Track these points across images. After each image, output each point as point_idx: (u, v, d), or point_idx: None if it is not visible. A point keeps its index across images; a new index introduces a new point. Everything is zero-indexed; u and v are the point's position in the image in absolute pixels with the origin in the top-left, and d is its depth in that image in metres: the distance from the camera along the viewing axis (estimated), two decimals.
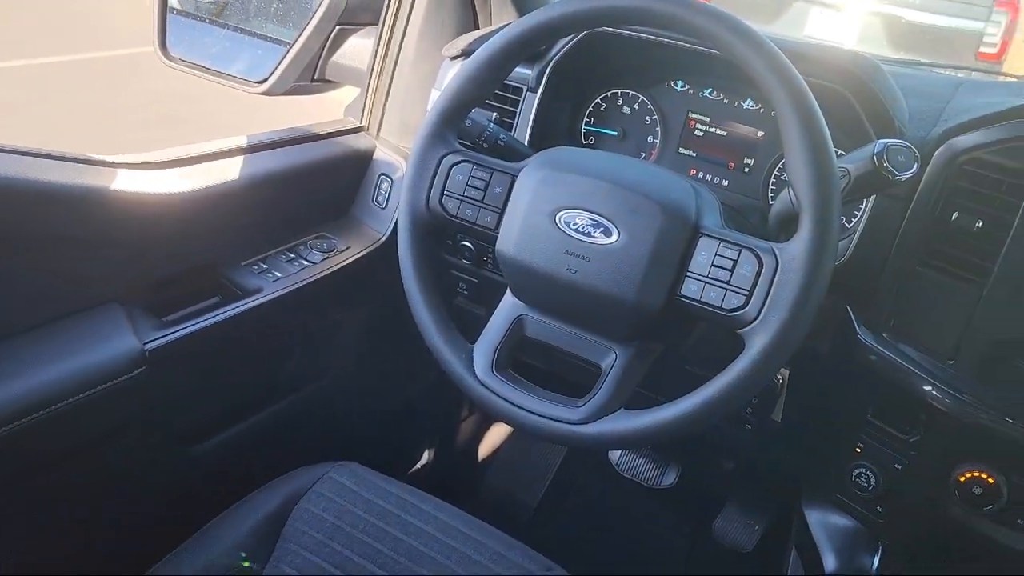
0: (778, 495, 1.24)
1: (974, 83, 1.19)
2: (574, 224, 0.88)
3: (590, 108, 1.30)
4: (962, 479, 0.96)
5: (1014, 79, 1.24)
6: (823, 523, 1.12)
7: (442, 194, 0.96)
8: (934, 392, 0.97)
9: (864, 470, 1.05)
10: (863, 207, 1.04)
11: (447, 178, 0.96)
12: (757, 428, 1.12)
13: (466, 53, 1.27)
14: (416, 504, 1.05)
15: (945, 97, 1.11)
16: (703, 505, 1.74)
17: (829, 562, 1.08)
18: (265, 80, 1.38)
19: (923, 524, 1.03)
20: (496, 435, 1.93)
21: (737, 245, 0.83)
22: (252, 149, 1.20)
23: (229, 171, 1.15)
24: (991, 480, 0.95)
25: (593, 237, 0.87)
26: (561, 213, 0.89)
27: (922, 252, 0.98)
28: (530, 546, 1.01)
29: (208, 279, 1.18)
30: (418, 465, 1.79)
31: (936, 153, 0.97)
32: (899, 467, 1.02)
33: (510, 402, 0.91)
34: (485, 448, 1.92)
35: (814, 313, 0.80)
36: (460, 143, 0.99)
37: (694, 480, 1.72)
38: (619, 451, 1.73)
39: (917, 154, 0.85)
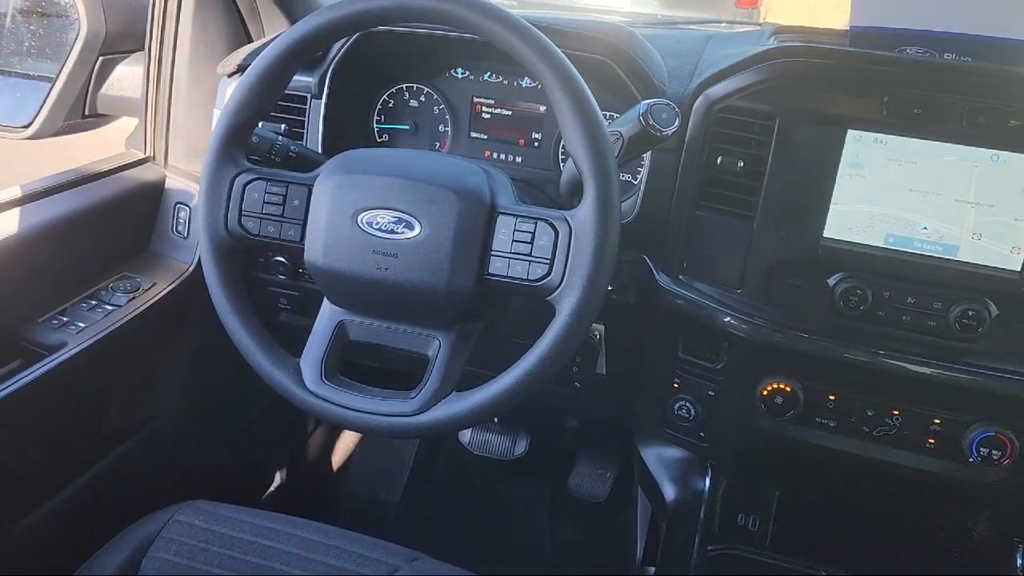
0: (618, 442, 1.32)
1: (721, 36, 1.31)
2: (376, 223, 0.90)
3: (379, 107, 1.32)
4: (765, 392, 1.07)
5: (757, 27, 1.37)
6: (658, 458, 1.21)
7: (240, 215, 0.95)
8: (731, 320, 1.08)
9: (684, 402, 1.14)
10: (643, 165, 1.13)
11: (242, 198, 0.95)
12: (585, 384, 1.19)
13: (242, 68, 1.25)
14: (273, 527, 1.04)
15: (697, 53, 1.21)
16: (557, 465, 1.82)
17: (668, 492, 1.18)
18: (30, 123, 1.30)
19: (739, 439, 1.14)
20: (348, 441, 1.93)
21: (532, 218, 0.88)
22: (29, 199, 1.13)
23: (5, 226, 1.08)
24: (789, 389, 1.07)
25: (397, 233, 0.90)
26: (362, 214, 0.91)
27: (698, 196, 1.08)
28: (397, 542, 1.03)
29: (3, 344, 1.10)
30: (272, 488, 1.75)
31: (695, 105, 1.07)
32: (712, 393, 1.13)
33: (344, 407, 0.92)
34: (339, 456, 1.91)
35: (611, 270, 0.86)
36: (251, 160, 0.98)
37: (544, 444, 1.79)
38: (469, 431, 1.78)
39: (677, 110, 0.93)
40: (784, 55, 1.03)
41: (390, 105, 1.32)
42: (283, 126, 1.24)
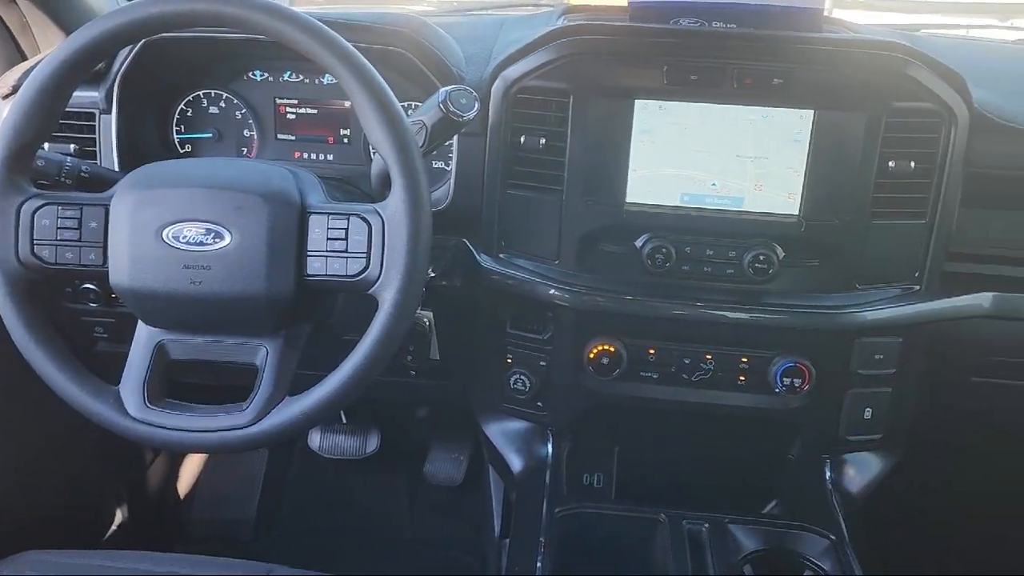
0: (467, 424, 1.35)
1: (514, 20, 1.35)
2: (183, 237, 0.88)
3: (176, 116, 1.27)
4: (592, 355, 1.13)
5: (549, 9, 1.42)
6: (501, 432, 1.25)
7: (32, 244, 0.89)
8: (553, 291, 1.13)
9: (518, 376, 1.18)
10: (453, 152, 1.15)
11: (32, 226, 0.89)
12: (421, 370, 1.21)
13: (16, 88, 1.17)
14: (113, 565, 0.99)
15: (492, 38, 1.25)
16: (411, 456, 1.83)
17: (514, 463, 1.22)
18: None
19: (574, 403, 1.19)
20: (192, 466, 1.86)
21: (344, 214, 0.88)
22: None
23: None
24: (613, 349, 1.13)
25: (207, 245, 0.87)
26: (167, 229, 0.88)
27: (507, 176, 1.12)
28: (255, 558, 1.01)
29: None
30: (114, 526, 1.66)
31: (493, 88, 1.10)
32: (543, 364, 1.17)
33: (174, 429, 0.89)
34: (184, 483, 1.84)
35: (427, 257, 0.88)
36: (40, 185, 0.93)
37: (396, 437, 1.80)
38: (318, 436, 1.76)
39: (476, 94, 0.96)
40: (570, 33, 1.08)
41: (189, 114, 1.27)
42: (72, 146, 1.17)
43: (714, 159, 1.09)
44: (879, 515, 1.21)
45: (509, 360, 1.19)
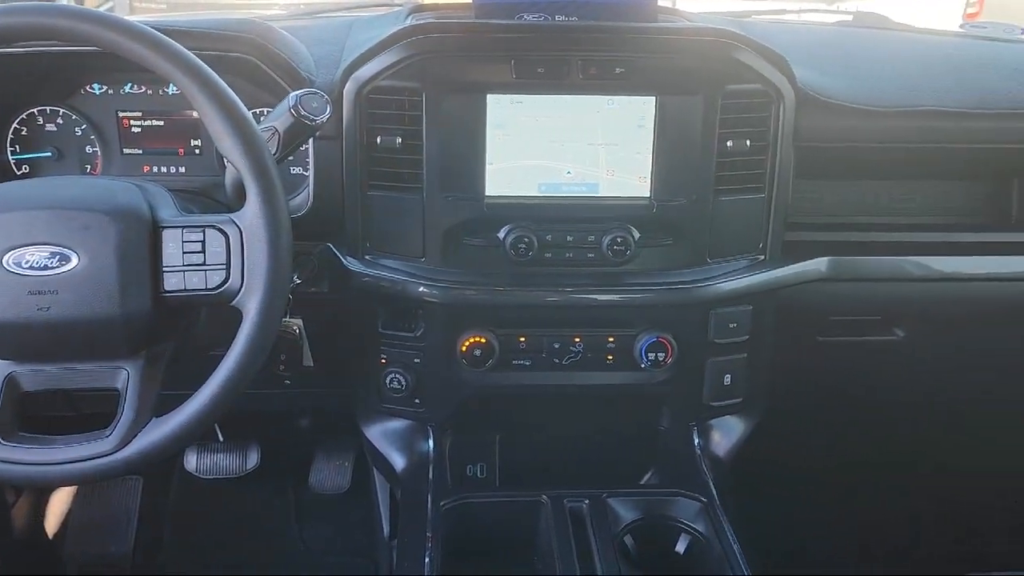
0: (349, 429, 1.35)
1: (363, 21, 1.35)
2: (26, 262, 0.84)
3: (10, 136, 1.20)
4: (464, 348, 1.15)
5: (397, 9, 1.42)
6: (382, 433, 1.25)
7: None
8: (421, 289, 1.14)
9: (394, 375, 1.19)
10: (310, 157, 1.14)
11: None
12: (296, 379, 1.20)
13: None
14: None
15: (342, 39, 1.25)
16: (295, 468, 1.80)
17: (397, 463, 1.22)
18: None
19: (450, 397, 1.21)
20: (61, 502, 1.76)
21: (199, 226, 0.87)
22: None
23: None
24: (484, 340, 1.15)
25: (53, 268, 0.84)
26: (8, 255, 0.84)
27: (366, 178, 1.12)
28: None
29: None
30: None
31: (345, 90, 1.10)
32: (418, 361, 1.18)
33: (32, 463, 0.85)
34: (53, 520, 1.74)
35: (289, 263, 0.87)
36: None
37: (277, 450, 1.77)
38: (195, 457, 1.70)
39: (327, 97, 0.96)
40: (418, 32, 1.10)
41: (24, 133, 1.21)
42: None
43: (567, 148, 1.13)
44: (745, 474, 1.28)
45: (383, 360, 1.20)
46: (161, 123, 1.22)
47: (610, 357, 1.19)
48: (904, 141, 1.23)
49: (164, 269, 0.87)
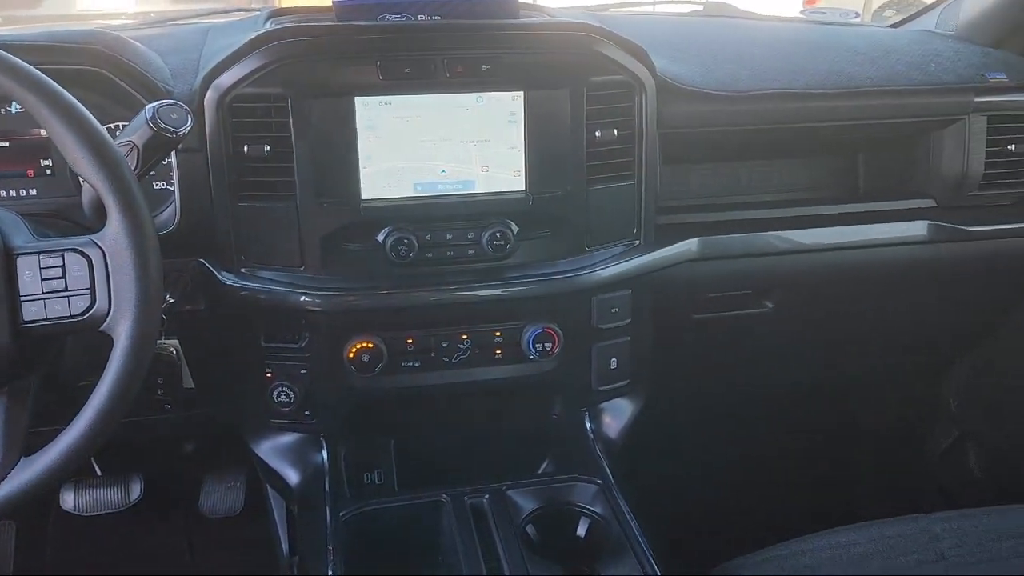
0: (237, 448, 1.30)
1: (219, 27, 1.31)
2: None
3: None
4: (351, 355, 1.13)
5: (255, 13, 1.39)
6: (273, 449, 1.22)
7: None
8: (303, 298, 1.11)
9: (280, 388, 1.16)
10: (173, 171, 1.10)
11: None
12: (177, 403, 1.15)
13: None
14: None
15: (198, 47, 1.20)
16: (183, 494, 1.72)
17: (291, 478, 1.19)
18: None
19: (341, 406, 1.19)
20: None
21: (57, 251, 0.82)
22: None
23: None
24: (372, 345, 1.14)
25: None
26: None
27: (236, 189, 1.09)
28: None
29: None
30: None
31: (206, 100, 1.06)
32: (305, 372, 1.16)
33: None
34: None
35: (160, 281, 0.84)
36: None
37: (162, 478, 1.69)
38: (71, 495, 1.61)
39: (187, 108, 0.92)
40: (278, 37, 1.07)
41: None
42: None
43: (440, 147, 1.13)
44: (638, 453, 1.32)
45: (269, 374, 1.16)
46: (6, 144, 1.14)
47: (498, 351, 1.20)
48: (758, 123, 1.30)
49: (22, 299, 0.81)
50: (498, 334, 1.19)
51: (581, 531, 1.12)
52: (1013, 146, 1.37)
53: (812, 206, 1.39)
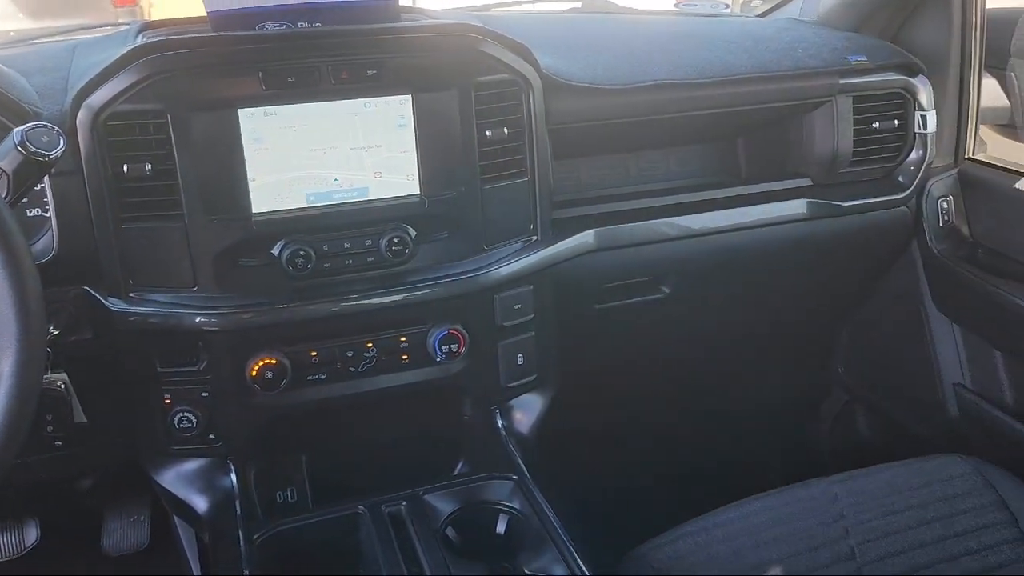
0: (138, 480, 1.25)
1: (87, 43, 1.25)
2: None
3: None
4: (254, 373, 1.10)
5: (125, 27, 1.33)
6: (177, 477, 1.17)
7: None
8: (198, 319, 1.08)
9: (181, 414, 1.12)
10: (48, 196, 1.05)
11: None
12: (69, 439, 1.10)
13: None
14: None
15: (66, 65, 1.15)
16: (85, 533, 1.64)
17: (199, 505, 1.15)
18: None
19: (247, 426, 1.16)
20: None
21: None
22: None
23: None
24: (275, 361, 1.11)
25: None
26: None
27: (118, 211, 1.04)
28: None
29: None
30: None
31: (78, 120, 1.02)
32: (206, 395, 1.12)
33: None
34: None
35: (41, 314, 0.79)
36: None
37: (60, 519, 1.60)
38: None
39: (57, 129, 0.88)
40: (151, 51, 1.03)
41: None
42: None
43: (331, 155, 1.11)
44: (551, 446, 1.34)
45: (168, 400, 1.12)
46: None
47: (405, 357, 1.19)
48: (642, 114, 1.34)
49: None
50: (403, 339, 1.19)
51: (501, 528, 1.13)
52: (877, 123, 1.46)
53: (699, 192, 1.44)
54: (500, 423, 1.29)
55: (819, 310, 1.77)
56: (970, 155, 1.55)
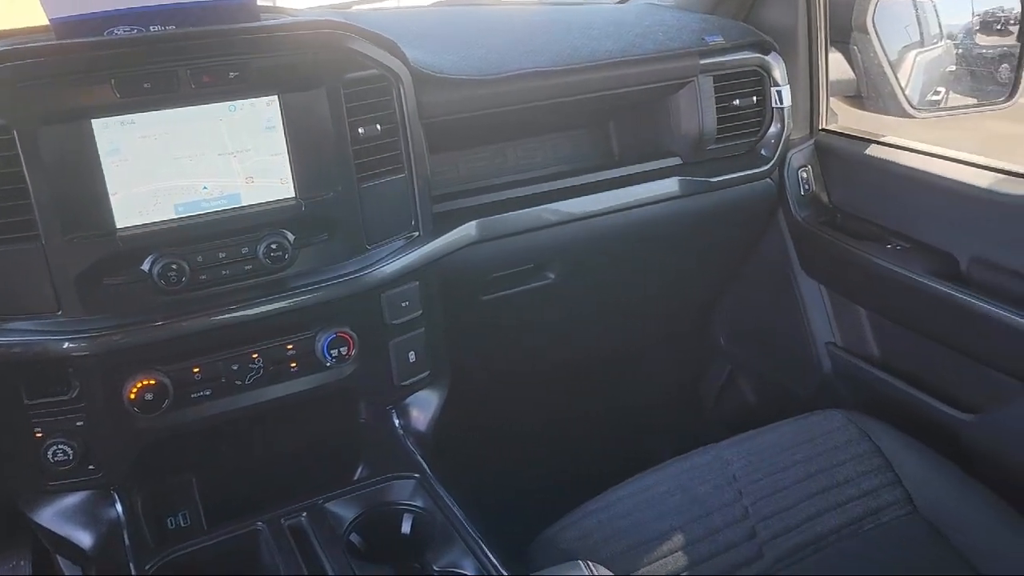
0: (13, 521, 1.16)
1: None
2: None
3: None
4: (133, 396, 1.05)
5: None
6: (56, 515, 1.10)
7: None
8: (66, 345, 1.02)
9: (56, 447, 1.05)
10: None
11: None
12: None
13: None
14: None
15: None
16: None
17: (84, 541, 1.08)
18: None
19: (129, 452, 1.11)
20: None
21: None
22: None
23: None
24: (154, 382, 1.06)
25: None
26: None
27: None
28: None
29: None
30: None
31: None
32: (81, 424, 1.06)
33: None
34: None
35: None
36: None
37: None
38: None
39: None
40: None
41: None
42: None
43: (198, 163, 1.07)
44: (451, 440, 1.34)
45: (39, 433, 1.05)
46: None
47: (293, 364, 1.16)
48: (513, 103, 1.35)
49: None
50: (290, 347, 1.16)
51: (406, 528, 1.12)
52: (737, 101, 1.52)
53: (576, 176, 1.46)
54: (397, 422, 1.27)
55: (698, 284, 1.83)
56: (824, 126, 1.64)
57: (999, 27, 1.71)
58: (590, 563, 0.92)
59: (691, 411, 2.07)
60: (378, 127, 1.16)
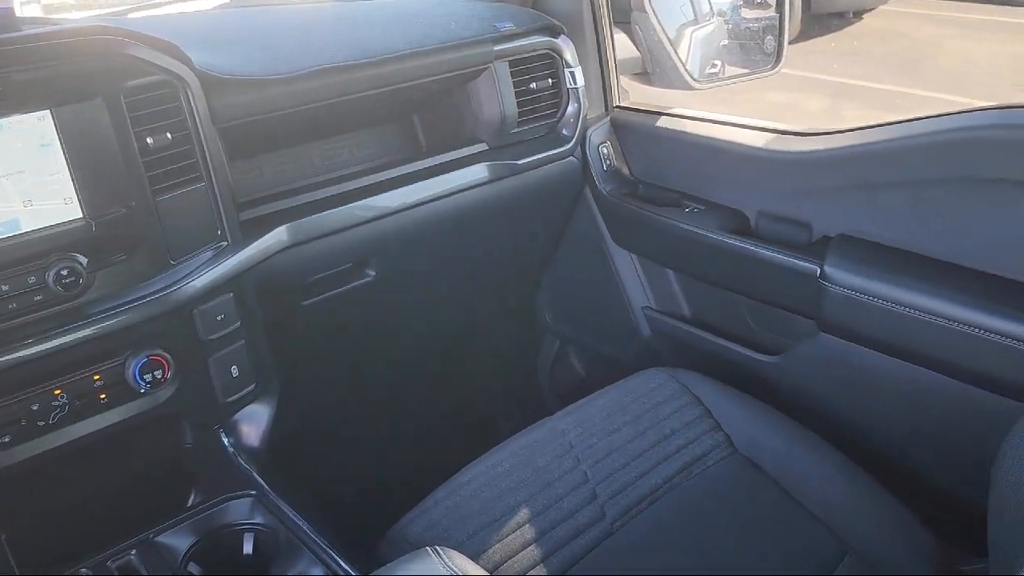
0: None
1: None
2: None
3: None
4: None
5: None
6: None
7: None
8: None
9: None
10: None
11: None
12: None
13: None
14: None
15: None
16: None
17: None
18: None
19: None
20: None
21: None
22: None
23: None
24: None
25: None
26: None
27: None
28: None
29: None
30: None
31: None
32: None
33: None
34: None
35: None
36: None
37: None
38: None
39: None
40: None
41: None
42: None
43: None
44: (287, 452, 1.30)
45: None
46: None
47: (103, 396, 1.09)
48: (309, 101, 1.31)
49: None
50: (98, 377, 1.08)
51: (248, 548, 1.08)
52: (534, 84, 1.57)
53: (386, 170, 1.45)
54: (227, 441, 1.22)
55: (518, 266, 1.88)
56: (618, 103, 1.72)
57: (759, 1, 1.87)
58: (439, 549, 0.92)
59: (527, 389, 2.12)
60: (168, 135, 1.10)
